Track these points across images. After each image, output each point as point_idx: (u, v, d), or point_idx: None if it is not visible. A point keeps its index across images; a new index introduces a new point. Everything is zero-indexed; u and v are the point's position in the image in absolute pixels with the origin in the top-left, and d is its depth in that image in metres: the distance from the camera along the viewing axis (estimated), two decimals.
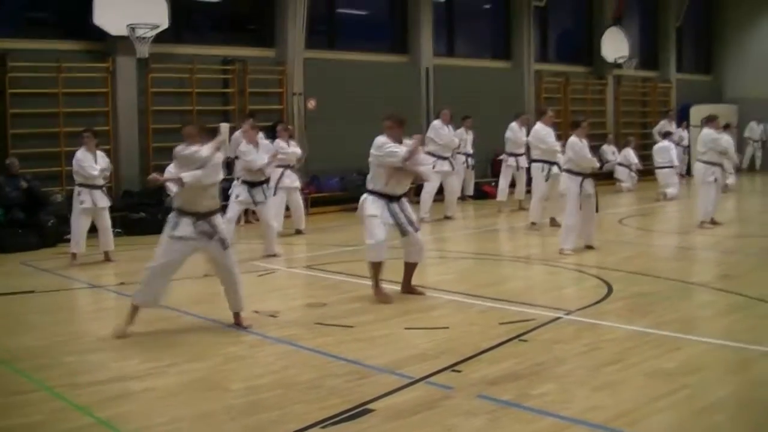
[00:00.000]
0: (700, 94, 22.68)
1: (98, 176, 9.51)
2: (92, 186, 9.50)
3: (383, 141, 7.07)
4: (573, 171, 9.50)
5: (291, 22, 14.51)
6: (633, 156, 18.34)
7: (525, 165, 13.89)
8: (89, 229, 9.68)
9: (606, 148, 18.78)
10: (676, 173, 16.48)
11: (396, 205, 7.11)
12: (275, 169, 10.83)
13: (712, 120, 11.59)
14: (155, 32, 12.44)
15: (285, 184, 11.40)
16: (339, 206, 14.39)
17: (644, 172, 18.85)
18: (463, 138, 15.13)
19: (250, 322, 6.27)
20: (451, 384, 4.73)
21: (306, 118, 14.86)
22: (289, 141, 11.67)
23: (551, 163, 11.63)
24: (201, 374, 5.08)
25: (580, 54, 20.81)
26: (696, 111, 20.75)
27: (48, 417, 4.33)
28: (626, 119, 21.34)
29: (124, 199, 12.37)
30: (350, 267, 8.21)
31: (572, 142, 9.43)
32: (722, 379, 4.83)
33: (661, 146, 16.49)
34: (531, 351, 5.43)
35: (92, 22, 12.19)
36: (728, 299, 6.90)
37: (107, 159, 9.91)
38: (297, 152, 11.64)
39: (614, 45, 20.31)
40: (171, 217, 6.11)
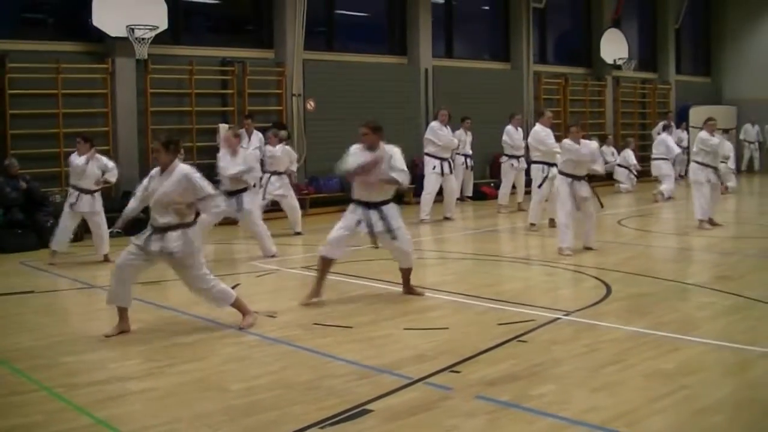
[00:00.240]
0: (700, 96, 22.73)
1: (83, 181, 9.42)
2: (82, 190, 9.47)
3: (352, 150, 6.98)
4: (564, 172, 9.59)
5: (290, 24, 14.53)
6: (632, 157, 18.42)
7: (524, 166, 13.90)
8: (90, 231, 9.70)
9: (605, 150, 18.74)
10: (671, 163, 16.39)
11: (375, 213, 6.95)
12: (263, 174, 10.81)
13: (706, 122, 11.74)
14: (154, 33, 12.45)
15: (269, 191, 11.36)
16: (338, 207, 14.24)
17: (643, 173, 18.88)
18: (462, 139, 15.16)
19: (252, 322, 6.27)
20: (450, 385, 4.73)
21: (305, 119, 14.89)
22: (279, 146, 11.56)
23: (551, 165, 11.63)
24: (199, 374, 5.08)
25: (579, 55, 20.83)
26: (695, 112, 20.81)
27: (46, 417, 4.33)
28: (625, 121, 21.36)
29: (124, 200, 12.31)
30: (349, 268, 8.19)
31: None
32: (721, 380, 4.83)
33: (659, 139, 16.62)
34: (530, 352, 5.44)
35: (91, 24, 12.19)
36: (727, 300, 6.90)
37: (107, 163, 9.62)
38: (284, 159, 11.50)
39: (613, 46, 20.33)
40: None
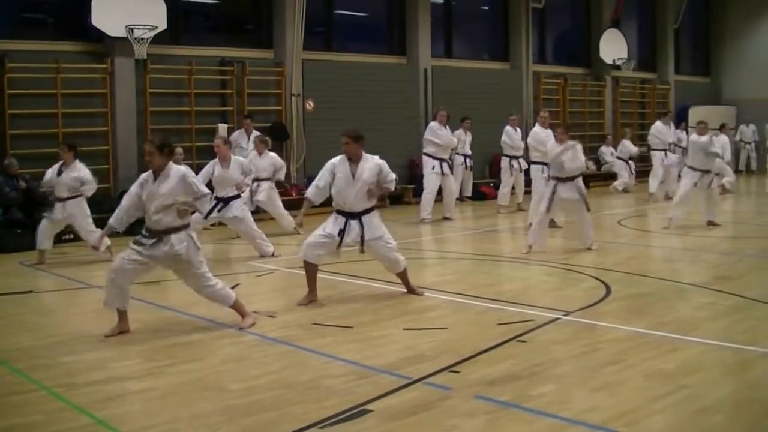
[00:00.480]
0: (699, 96, 22.75)
1: (50, 191, 9.44)
2: (57, 198, 9.48)
3: (334, 162, 7.02)
4: (552, 176, 9.69)
5: (289, 24, 14.53)
6: (630, 146, 18.04)
7: (524, 167, 13.90)
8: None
9: (604, 150, 18.76)
10: (668, 152, 16.28)
11: (356, 223, 6.99)
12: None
13: (697, 125, 11.91)
14: (153, 33, 12.45)
15: (257, 198, 11.34)
16: None
17: (643, 173, 18.86)
18: (462, 139, 15.17)
19: (252, 321, 6.27)
20: (450, 385, 4.73)
21: (304, 119, 14.88)
22: (266, 153, 11.58)
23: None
24: (199, 374, 5.08)
25: (579, 55, 20.84)
26: (694, 112, 20.80)
27: (46, 417, 4.33)
28: (624, 120, 21.33)
29: (121, 200, 12.31)
30: (349, 267, 8.19)
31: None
32: (721, 380, 4.83)
33: (652, 128, 16.54)
34: (529, 352, 5.44)
35: (90, 23, 12.19)
36: (726, 300, 6.90)
37: (81, 175, 9.45)
38: (269, 167, 11.48)
39: (612, 46, 20.34)
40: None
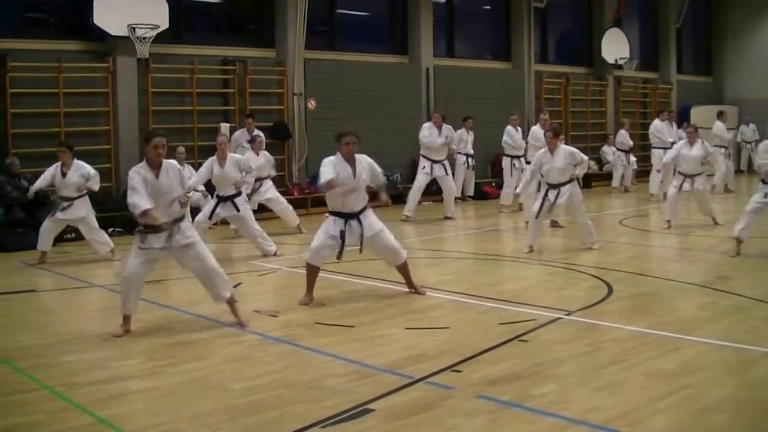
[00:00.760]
0: (701, 96, 22.71)
1: (64, 190, 9.42)
2: (63, 198, 9.47)
3: (327, 162, 7.03)
4: (545, 180, 9.72)
5: (291, 23, 14.52)
6: (627, 137, 17.95)
7: (525, 166, 13.88)
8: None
9: (606, 149, 18.74)
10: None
11: (355, 222, 7.02)
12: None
13: (686, 129, 12.12)
14: (155, 32, 12.44)
15: (254, 198, 11.31)
16: None
17: (642, 173, 18.84)
18: (464, 138, 15.16)
19: (249, 320, 6.27)
20: (451, 384, 4.73)
21: (306, 119, 14.88)
22: (262, 154, 11.64)
23: None
24: (201, 374, 5.09)
25: (581, 55, 20.81)
26: (696, 112, 20.76)
27: (48, 416, 4.33)
28: (626, 120, 21.31)
29: (125, 199, 12.31)
30: (351, 267, 8.19)
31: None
32: (722, 380, 4.83)
33: (651, 126, 16.54)
34: (531, 351, 5.44)
35: (92, 23, 12.18)
36: (728, 300, 6.89)
37: (85, 171, 9.42)
38: (267, 165, 11.53)
39: (614, 46, 20.30)
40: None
